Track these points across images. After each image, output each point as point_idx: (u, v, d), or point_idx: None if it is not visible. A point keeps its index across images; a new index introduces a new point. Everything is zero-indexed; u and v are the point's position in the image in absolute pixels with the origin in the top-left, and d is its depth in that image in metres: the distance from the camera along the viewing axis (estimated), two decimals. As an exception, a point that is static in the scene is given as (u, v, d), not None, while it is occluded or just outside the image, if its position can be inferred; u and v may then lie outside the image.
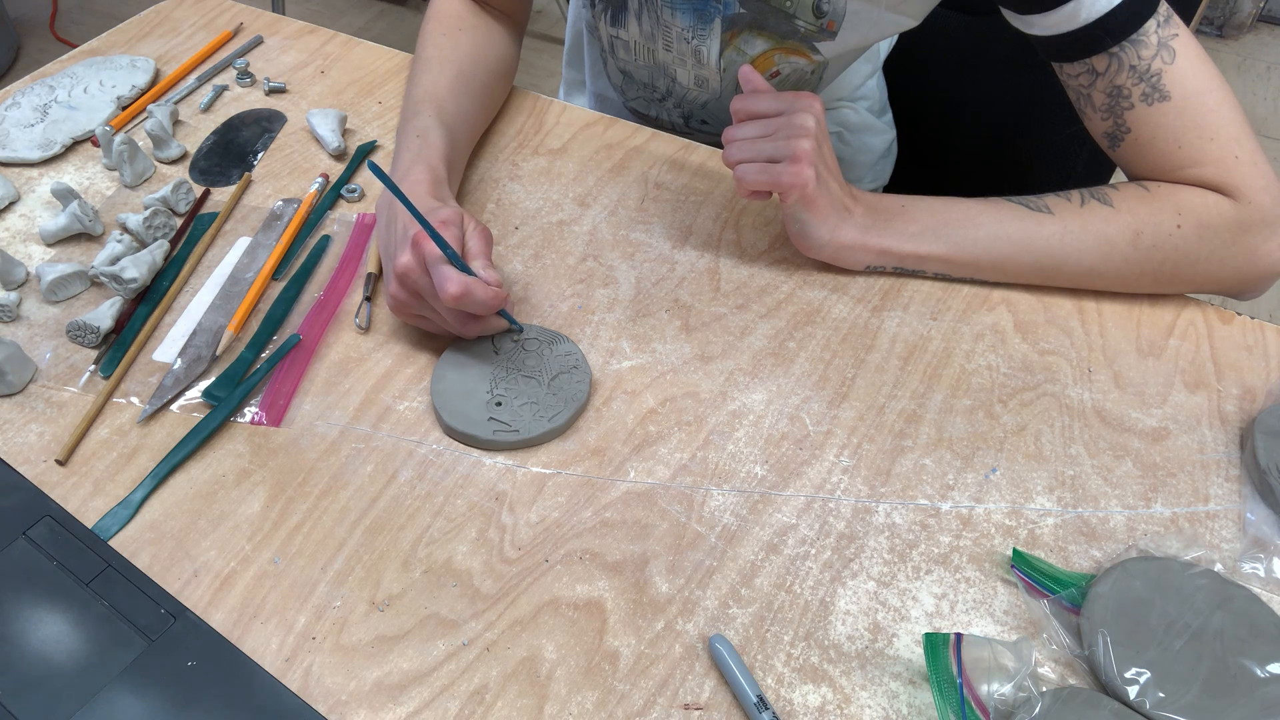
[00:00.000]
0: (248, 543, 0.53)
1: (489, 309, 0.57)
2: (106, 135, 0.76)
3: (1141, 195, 0.63)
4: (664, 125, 0.86)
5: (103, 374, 0.62)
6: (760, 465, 0.57)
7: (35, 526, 0.53)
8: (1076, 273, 0.64)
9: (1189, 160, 0.61)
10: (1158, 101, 0.60)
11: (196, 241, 0.71)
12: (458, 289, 0.55)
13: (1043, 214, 0.63)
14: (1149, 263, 0.62)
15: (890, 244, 0.65)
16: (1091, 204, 0.63)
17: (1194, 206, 0.61)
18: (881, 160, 0.94)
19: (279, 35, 0.93)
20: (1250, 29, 2.47)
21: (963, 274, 0.66)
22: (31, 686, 0.47)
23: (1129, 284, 0.65)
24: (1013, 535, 0.54)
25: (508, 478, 0.56)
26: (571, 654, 0.49)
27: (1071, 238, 0.62)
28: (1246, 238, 0.61)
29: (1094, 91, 0.62)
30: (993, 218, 0.64)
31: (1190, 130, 0.60)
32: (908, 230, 0.64)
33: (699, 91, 0.79)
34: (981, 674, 0.46)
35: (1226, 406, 0.60)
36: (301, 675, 0.48)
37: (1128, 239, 0.62)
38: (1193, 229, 0.61)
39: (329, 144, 0.79)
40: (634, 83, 0.85)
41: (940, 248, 0.64)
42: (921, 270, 0.66)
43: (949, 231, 0.64)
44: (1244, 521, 0.54)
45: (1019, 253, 0.64)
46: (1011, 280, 0.66)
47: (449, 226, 0.58)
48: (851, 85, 0.87)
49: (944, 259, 0.65)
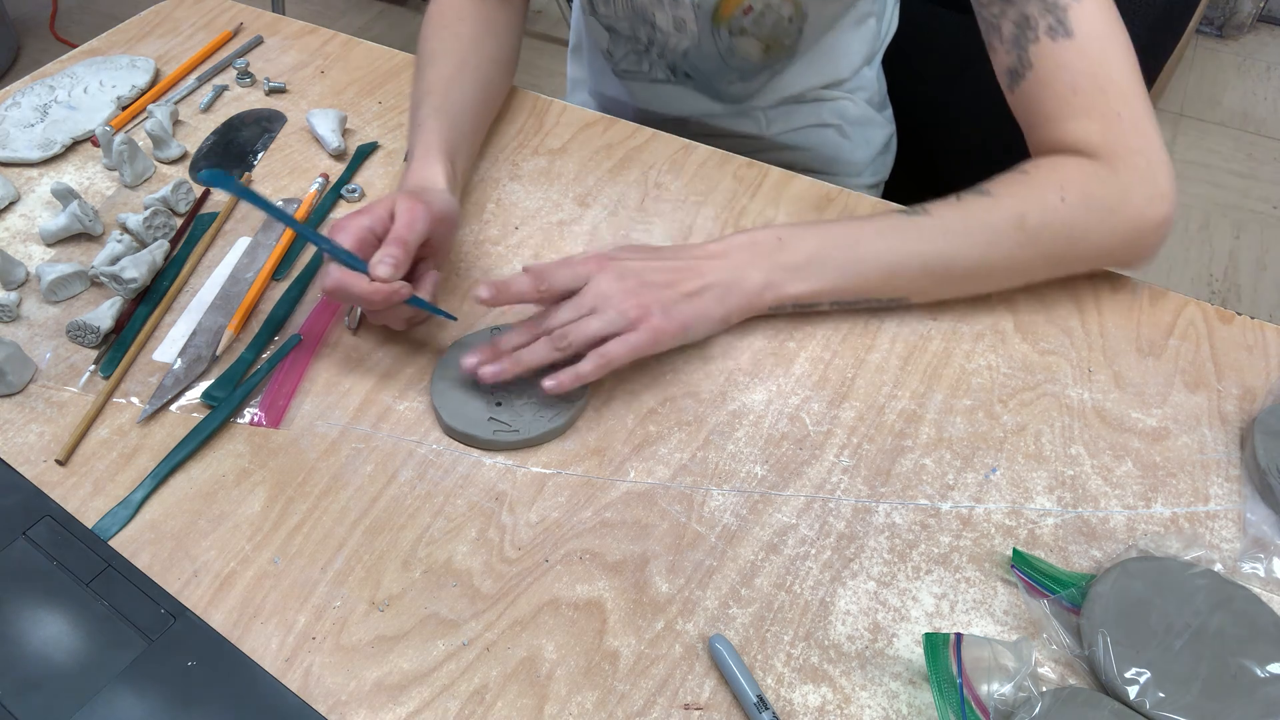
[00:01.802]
0: (248, 543, 0.53)
1: (370, 303, 0.57)
2: (106, 135, 0.76)
3: (1019, 179, 0.62)
4: (657, 79, 0.85)
5: (103, 374, 0.62)
6: (760, 465, 0.57)
7: (35, 526, 0.53)
8: (967, 270, 0.62)
9: (1080, 109, 0.61)
10: (1062, 37, 0.60)
11: (196, 241, 0.71)
12: (330, 284, 0.57)
13: (920, 217, 0.62)
14: (1039, 244, 0.61)
15: (778, 287, 0.62)
16: (969, 198, 0.62)
17: (1074, 179, 0.61)
18: (881, 155, 0.94)
19: (279, 35, 0.93)
20: (1250, 29, 2.47)
21: (855, 298, 0.64)
22: (31, 686, 0.47)
23: (1023, 272, 0.64)
24: (1013, 535, 0.54)
25: (508, 478, 0.56)
26: (571, 654, 0.49)
27: (954, 234, 0.61)
28: (1130, 201, 0.60)
29: (1003, 21, 0.62)
30: (873, 233, 0.62)
31: (1086, 76, 0.60)
32: (790, 262, 0.62)
33: (679, 37, 0.79)
34: (981, 674, 0.46)
35: (1226, 406, 0.60)
36: (301, 675, 0.48)
37: (1012, 223, 0.61)
38: (1078, 200, 0.60)
39: (329, 144, 0.79)
40: (620, 39, 0.84)
41: (828, 279, 0.62)
42: (816, 305, 0.64)
43: (833, 258, 0.62)
44: (1244, 521, 0.54)
45: (905, 262, 0.62)
46: (906, 294, 0.64)
47: (362, 216, 0.59)
48: (844, 64, 0.84)
49: (833, 290, 0.62)
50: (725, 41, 0.78)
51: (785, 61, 0.80)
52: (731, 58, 0.80)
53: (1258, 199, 2.02)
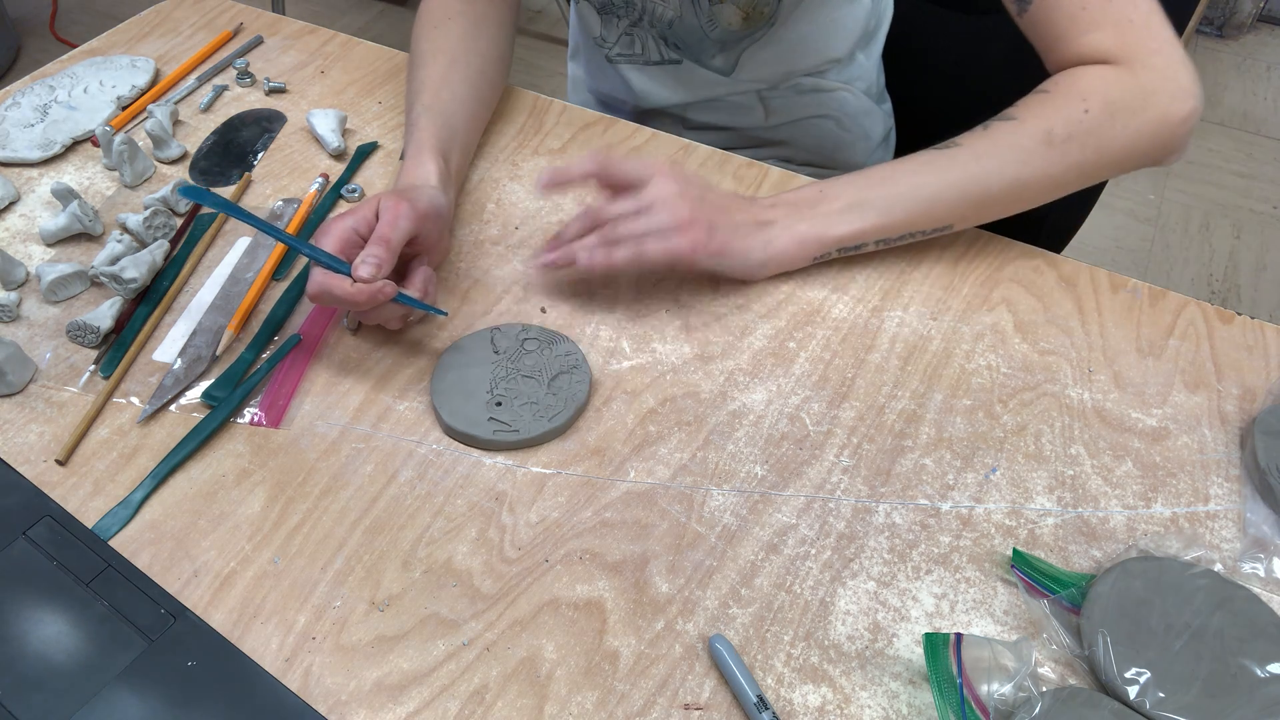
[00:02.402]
0: (248, 543, 0.53)
1: (354, 305, 0.57)
2: (106, 135, 0.76)
3: (1041, 99, 0.64)
4: (651, 60, 0.86)
5: (103, 374, 0.62)
6: (760, 465, 0.57)
7: (35, 526, 0.53)
8: (1003, 190, 0.64)
9: (1091, 22, 0.63)
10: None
11: (196, 241, 0.71)
12: (313, 289, 0.57)
13: (952, 149, 0.65)
14: (1069, 156, 0.63)
15: (822, 231, 0.65)
16: (994, 125, 0.65)
17: (1095, 88, 0.62)
18: (879, 148, 0.93)
19: (279, 35, 0.93)
20: (1250, 29, 2.47)
21: (900, 234, 0.66)
22: (31, 686, 0.47)
23: (1058, 185, 0.65)
24: (1013, 535, 0.54)
25: (508, 478, 0.56)
26: (571, 654, 0.49)
27: (986, 158, 0.64)
28: (1153, 102, 0.62)
29: None
30: (909, 170, 0.65)
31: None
32: (833, 210, 0.65)
33: (663, 7, 0.80)
34: (981, 674, 0.46)
35: (1226, 406, 0.60)
36: (301, 675, 0.48)
37: (1040, 139, 0.63)
38: (1101, 108, 0.62)
39: (329, 144, 0.79)
40: (611, 21, 0.84)
41: (869, 219, 0.65)
42: (862, 245, 0.67)
43: (872, 197, 0.65)
44: (1244, 521, 0.54)
45: (944, 191, 0.64)
46: (947, 223, 0.66)
47: (347, 218, 0.59)
48: (836, 42, 0.83)
49: (878, 228, 0.65)
50: (705, 10, 0.78)
51: (765, 29, 0.80)
52: (713, 29, 0.80)
53: (1258, 199, 2.02)
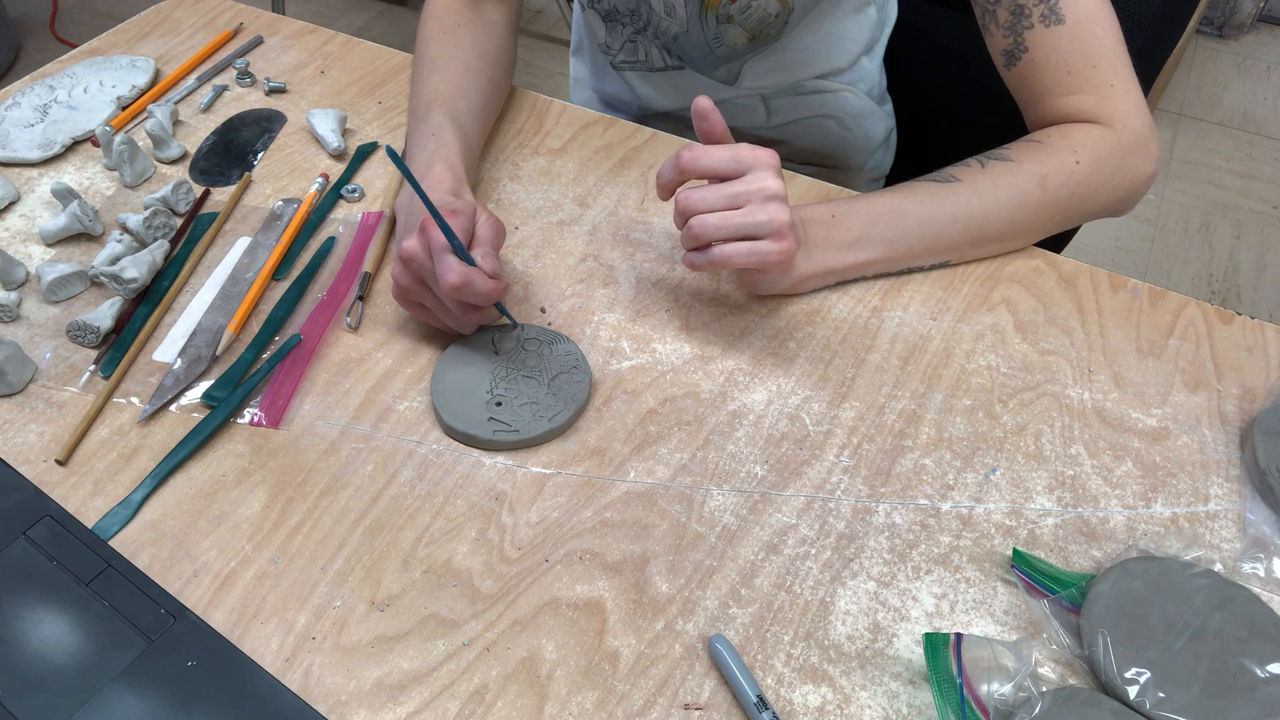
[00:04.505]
0: (248, 543, 0.53)
1: (488, 300, 0.57)
2: (106, 135, 0.76)
3: (1035, 146, 0.67)
4: (654, 67, 0.86)
5: (103, 374, 0.62)
6: (760, 465, 0.57)
7: (35, 526, 0.53)
8: (999, 230, 0.67)
9: (1074, 86, 0.66)
10: (1054, 24, 0.65)
11: (196, 241, 0.71)
12: (457, 278, 0.55)
13: (954, 184, 0.66)
14: (1059, 203, 0.66)
15: (833, 262, 0.65)
16: (992, 164, 0.67)
17: (1084, 143, 0.66)
18: (881, 149, 0.94)
19: (279, 35, 0.93)
20: (1250, 29, 2.47)
21: (901, 267, 0.68)
22: (31, 686, 0.47)
23: (1042, 229, 0.68)
24: (1013, 535, 0.54)
25: (508, 478, 0.56)
26: (571, 654, 0.49)
27: (986, 197, 0.66)
28: (1129, 161, 0.67)
29: (999, 9, 0.68)
30: (915, 203, 0.66)
31: (1078, 56, 0.66)
32: (844, 241, 0.65)
33: (669, 21, 0.80)
34: (981, 674, 0.46)
35: (1226, 406, 0.60)
36: (301, 675, 0.48)
37: (1036, 184, 0.65)
38: (1089, 162, 0.66)
39: (329, 144, 0.79)
40: (616, 29, 0.84)
41: (875, 252, 0.66)
42: (861, 275, 0.68)
43: (880, 231, 0.66)
44: (1244, 521, 0.54)
45: (947, 228, 0.66)
46: (943, 257, 0.68)
47: (458, 217, 0.58)
48: (842, 53, 0.84)
49: (882, 261, 0.67)
50: (712, 29, 0.79)
51: (769, 46, 0.81)
52: (718, 46, 0.80)
53: (1258, 199, 2.02)
